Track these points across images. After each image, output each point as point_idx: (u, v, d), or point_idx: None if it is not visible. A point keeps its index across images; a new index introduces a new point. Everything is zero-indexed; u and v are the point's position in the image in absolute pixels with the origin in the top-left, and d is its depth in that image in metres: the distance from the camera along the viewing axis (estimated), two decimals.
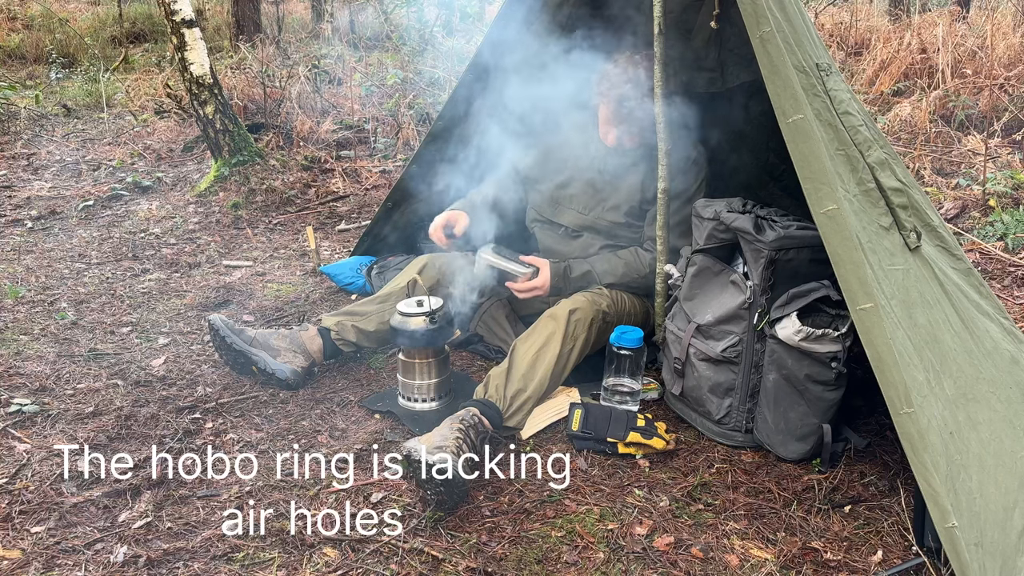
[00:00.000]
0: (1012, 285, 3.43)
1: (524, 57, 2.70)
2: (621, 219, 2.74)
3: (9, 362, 2.82)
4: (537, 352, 2.45)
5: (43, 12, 10.76)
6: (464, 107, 3.10)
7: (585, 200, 2.78)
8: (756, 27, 1.90)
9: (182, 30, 4.80)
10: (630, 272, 2.70)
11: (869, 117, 2.14)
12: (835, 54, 6.88)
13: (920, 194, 2.17)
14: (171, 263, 3.94)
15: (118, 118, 7.18)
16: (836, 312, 2.14)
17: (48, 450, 2.28)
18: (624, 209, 2.73)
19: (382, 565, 1.85)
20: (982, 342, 1.99)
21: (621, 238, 2.77)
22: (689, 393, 2.42)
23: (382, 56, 7.67)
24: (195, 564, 1.84)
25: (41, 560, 1.85)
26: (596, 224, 2.76)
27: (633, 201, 2.71)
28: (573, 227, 2.80)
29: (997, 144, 4.86)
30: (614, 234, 2.76)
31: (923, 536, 1.86)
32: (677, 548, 1.91)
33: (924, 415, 1.73)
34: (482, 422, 2.22)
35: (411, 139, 5.84)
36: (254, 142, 5.27)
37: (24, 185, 5.33)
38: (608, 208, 2.75)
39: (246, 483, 2.14)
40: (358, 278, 3.46)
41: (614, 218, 2.74)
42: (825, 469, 2.21)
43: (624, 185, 2.73)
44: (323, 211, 4.81)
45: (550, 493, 2.12)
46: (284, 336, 2.71)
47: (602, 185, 2.76)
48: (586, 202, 2.78)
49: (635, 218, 2.74)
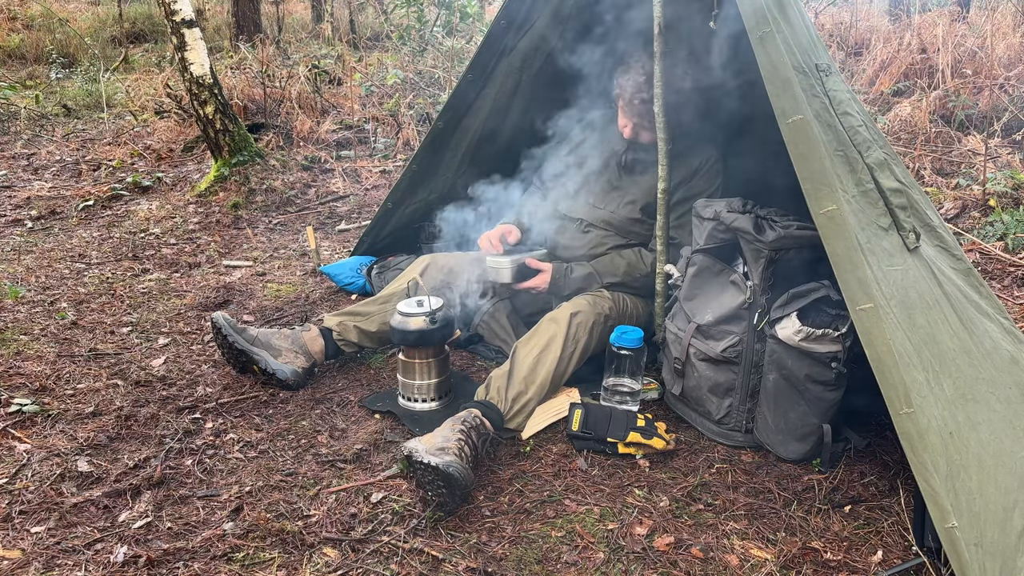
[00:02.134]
0: (1012, 285, 3.43)
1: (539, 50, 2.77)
2: (637, 215, 2.74)
3: (9, 362, 2.82)
4: (539, 355, 2.45)
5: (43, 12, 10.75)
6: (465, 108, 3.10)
7: (602, 193, 2.79)
8: (756, 27, 1.90)
9: (182, 30, 4.80)
10: (632, 272, 2.70)
11: (869, 117, 2.14)
12: (835, 54, 6.88)
13: (920, 194, 2.17)
14: (171, 263, 3.95)
15: (118, 118, 7.18)
16: (836, 312, 2.14)
17: (48, 450, 2.28)
18: (640, 204, 2.74)
19: (382, 565, 1.85)
20: (981, 342, 1.99)
21: (633, 235, 2.77)
22: (689, 393, 2.42)
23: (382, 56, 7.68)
24: (195, 564, 1.84)
25: (41, 560, 1.85)
26: (611, 218, 2.76)
27: (650, 197, 2.71)
28: (587, 220, 2.80)
29: (997, 144, 4.86)
30: (627, 230, 2.76)
31: (923, 536, 1.86)
32: (677, 548, 1.91)
33: (924, 415, 1.73)
34: (483, 423, 2.22)
35: (411, 139, 5.84)
36: (254, 142, 5.27)
37: (24, 185, 5.33)
38: (625, 203, 2.76)
39: (246, 483, 2.14)
40: (358, 278, 3.46)
41: (629, 213, 2.75)
42: (825, 469, 2.21)
43: (642, 181, 2.74)
44: (323, 211, 4.82)
45: (550, 493, 2.12)
46: (286, 336, 2.71)
47: (619, 180, 2.78)
48: (602, 196, 2.79)
49: (650, 215, 2.74)
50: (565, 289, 2.68)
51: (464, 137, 3.21)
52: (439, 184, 3.34)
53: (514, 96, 3.09)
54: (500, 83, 3.05)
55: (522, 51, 2.97)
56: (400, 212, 3.47)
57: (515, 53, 2.96)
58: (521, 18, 2.90)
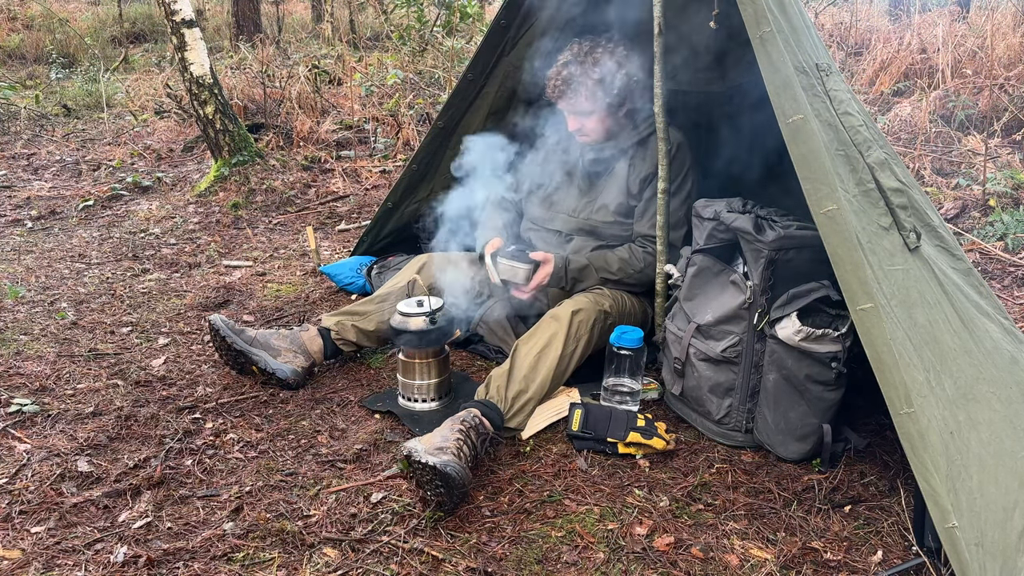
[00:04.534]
0: (1012, 285, 3.43)
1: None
2: (610, 218, 2.74)
3: (9, 362, 2.82)
4: (539, 353, 2.44)
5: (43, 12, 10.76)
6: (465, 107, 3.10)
7: (574, 203, 2.80)
8: (756, 27, 1.90)
9: (182, 30, 4.80)
10: (626, 268, 2.70)
11: (869, 117, 2.14)
12: (835, 54, 6.88)
13: (920, 194, 2.17)
14: (171, 263, 3.94)
15: (118, 118, 7.18)
16: (836, 312, 2.14)
17: (48, 450, 2.28)
18: (612, 207, 2.73)
19: (382, 565, 1.85)
20: (982, 342, 1.99)
21: (613, 238, 2.78)
22: (689, 393, 2.42)
23: (382, 56, 7.68)
24: (195, 564, 1.84)
25: (41, 560, 1.85)
26: (586, 226, 2.77)
27: (620, 199, 2.72)
28: (565, 231, 2.81)
29: (997, 144, 4.86)
30: (606, 234, 2.77)
31: (923, 536, 1.85)
32: (677, 548, 1.91)
33: (924, 415, 1.73)
34: (483, 423, 2.22)
35: (411, 139, 5.84)
36: (254, 142, 5.27)
37: (24, 185, 5.33)
38: (597, 208, 2.76)
39: (246, 483, 2.14)
40: (358, 278, 3.46)
41: (603, 218, 2.75)
42: (825, 469, 2.21)
43: (610, 184, 2.74)
44: (323, 211, 4.81)
45: (550, 493, 2.12)
46: (284, 336, 2.71)
47: (587, 186, 2.78)
48: (575, 205, 2.79)
49: (624, 216, 2.75)
50: (564, 282, 2.68)
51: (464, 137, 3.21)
52: (439, 184, 3.34)
53: (514, 96, 3.09)
54: (500, 83, 3.05)
55: (521, 51, 2.97)
56: (400, 212, 3.48)
57: (515, 53, 2.96)
58: (521, 18, 2.91)
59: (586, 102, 2.61)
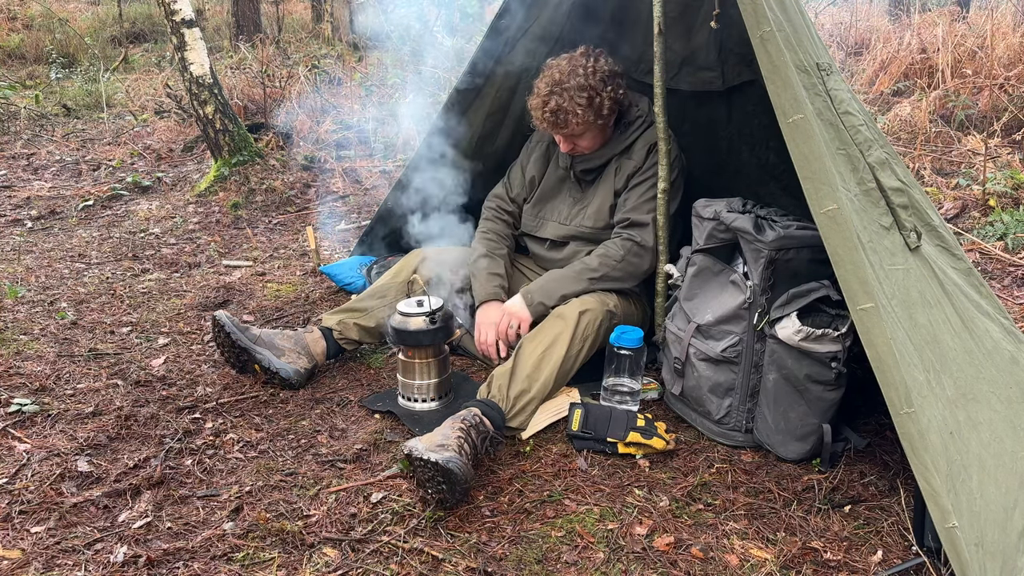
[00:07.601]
0: (1012, 285, 3.43)
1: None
2: (603, 223, 2.71)
3: (9, 362, 2.82)
4: (543, 352, 2.43)
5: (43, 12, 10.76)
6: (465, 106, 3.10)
7: (565, 211, 2.78)
8: (756, 27, 1.89)
9: (182, 30, 4.80)
10: (607, 261, 2.61)
11: (869, 117, 2.14)
12: (835, 54, 6.88)
13: (920, 194, 2.16)
14: (171, 263, 3.94)
15: (118, 118, 7.18)
16: (836, 312, 2.14)
17: (48, 450, 2.28)
18: (605, 212, 2.71)
19: (382, 565, 1.85)
20: (982, 342, 1.99)
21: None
22: (689, 393, 2.42)
23: (382, 56, 7.68)
24: (195, 564, 1.84)
25: (41, 560, 1.85)
26: (578, 233, 2.74)
27: (611, 201, 2.69)
28: (557, 238, 2.78)
29: (997, 144, 4.85)
30: (598, 239, 2.72)
31: (923, 536, 1.85)
32: (677, 548, 1.91)
33: (924, 415, 1.73)
34: (483, 422, 2.21)
35: (411, 139, 5.84)
36: (254, 142, 5.27)
37: (24, 185, 5.33)
38: (588, 215, 2.73)
39: (246, 483, 2.14)
40: (358, 278, 3.46)
41: (595, 223, 2.72)
42: (825, 469, 2.21)
43: (599, 190, 2.72)
44: (323, 211, 4.81)
45: (550, 493, 2.12)
46: (289, 337, 2.71)
47: (579, 194, 2.77)
48: (566, 212, 2.77)
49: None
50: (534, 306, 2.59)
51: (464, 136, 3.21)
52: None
53: (514, 96, 3.09)
54: (500, 83, 3.05)
55: (521, 51, 2.97)
56: (400, 212, 3.46)
57: (515, 53, 2.96)
58: (521, 18, 2.90)
59: (578, 127, 2.55)
